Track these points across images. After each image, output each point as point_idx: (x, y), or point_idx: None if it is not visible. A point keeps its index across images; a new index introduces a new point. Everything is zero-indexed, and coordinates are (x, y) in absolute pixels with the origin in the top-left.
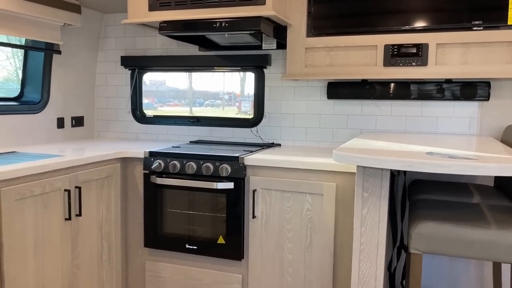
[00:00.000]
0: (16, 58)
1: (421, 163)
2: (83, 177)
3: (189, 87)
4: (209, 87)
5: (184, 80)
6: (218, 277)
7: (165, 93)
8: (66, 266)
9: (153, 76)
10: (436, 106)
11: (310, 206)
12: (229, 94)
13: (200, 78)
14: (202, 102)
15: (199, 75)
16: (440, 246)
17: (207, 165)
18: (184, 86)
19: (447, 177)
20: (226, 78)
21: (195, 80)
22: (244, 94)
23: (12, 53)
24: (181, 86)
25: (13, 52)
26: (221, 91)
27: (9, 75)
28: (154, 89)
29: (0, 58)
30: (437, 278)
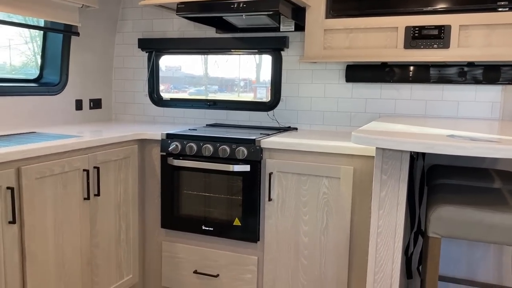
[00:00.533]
0: (35, 43)
1: (443, 145)
2: (102, 157)
3: (205, 73)
4: (224, 73)
5: (200, 66)
6: (233, 258)
7: (181, 79)
8: (85, 244)
9: (169, 62)
10: (457, 90)
11: (327, 189)
12: (244, 80)
13: (215, 64)
14: (217, 89)
15: (214, 61)
16: (459, 230)
17: (224, 147)
18: (200, 72)
19: (467, 162)
20: (242, 64)
21: (211, 66)
22: (260, 81)
23: (30, 38)
24: (196, 72)
25: (31, 37)
26: (237, 77)
27: (27, 60)
28: (170, 75)
29: (18, 43)
30: (455, 265)
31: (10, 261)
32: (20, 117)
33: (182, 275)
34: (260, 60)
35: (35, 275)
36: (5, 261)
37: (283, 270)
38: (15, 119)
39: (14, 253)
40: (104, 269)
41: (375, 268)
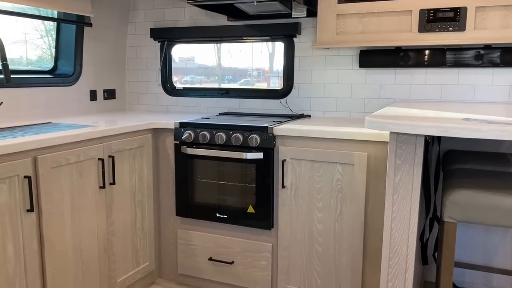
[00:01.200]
0: (50, 37)
1: (458, 128)
2: (116, 146)
3: (218, 64)
4: (237, 63)
5: (213, 57)
6: (248, 245)
7: (194, 70)
8: (101, 232)
9: (182, 53)
10: (474, 74)
11: (341, 176)
12: (257, 70)
13: (228, 54)
14: (230, 79)
15: (227, 50)
16: (475, 215)
17: (237, 135)
18: (213, 63)
19: (484, 147)
20: (255, 53)
21: (224, 56)
22: (273, 70)
23: (45, 32)
24: (209, 63)
25: (46, 31)
26: (250, 67)
27: (43, 53)
28: (183, 66)
29: (34, 37)
30: (471, 251)
31: (29, 248)
32: (36, 108)
33: (197, 262)
34: (273, 49)
35: (54, 262)
36: (24, 248)
37: (297, 257)
38: (30, 110)
39: (32, 240)
40: (121, 256)
41: (389, 254)
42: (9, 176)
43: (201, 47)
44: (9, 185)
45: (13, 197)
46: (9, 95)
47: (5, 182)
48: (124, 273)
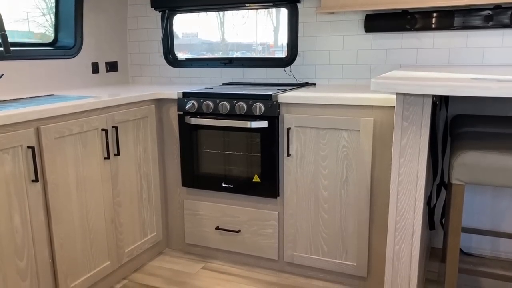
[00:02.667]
0: (52, 14)
1: (466, 87)
2: (119, 117)
3: (222, 39)
4: (241, 38)
5: (216, 32)
6: (254, 214)
7: (197, 46)
8: (108, 203)
9: (185, 28)
10: (483, 36)
11: (346, 142)
12: (262, 45)
13: (232, 28)
14: (234, 54)
15: (231, 25)
16: (483, 176)
17: (240, 104)
18: (217, 38)
19: (492, 111)
20: (259, 27)
21: (228, 31)
22: (278, 45)
23: (47, 9)
24: (213, 38)
25: (48, 9)
26: (254, 42)
27: (46, 31)
28: (187, 42)
29: (35, 15)
30: (479, 217)
31: (36, 219)
32: (38, 80)
33: (204, 232)
34: (278, 22)
35: (61, 232)
36: (31, 219)
37: (303, 224)
38: (32, 82)
39: (39, 211)
40: (128, 227)
41: (396, 217)
42: (12, 147)
43: (204, 21)
44: (12, 156)
45: (17, 167)
46: (10, 68)
47: (8, 152)
48: (132, 243)
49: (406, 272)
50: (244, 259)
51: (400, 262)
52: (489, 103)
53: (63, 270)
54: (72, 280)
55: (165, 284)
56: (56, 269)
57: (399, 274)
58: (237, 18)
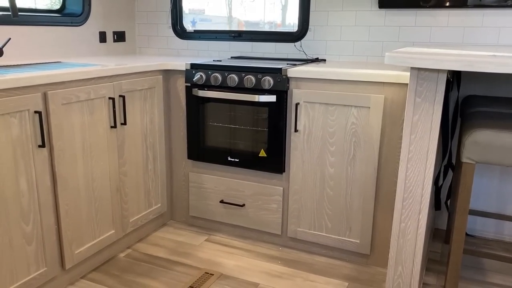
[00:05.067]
0: None
1: (484, 62)
2: (127, 86)
3: (229, 16)
4: (249, 16)
5: (224, 9)
6: (259, 189)
7: (204, 23)
8: (113, 171)
9: (192, 4)
10: (499, 15)
11: (355, 119)
12: (269, 24)
13: (240, 5)
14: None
15: (239, 1)
16: (495, 156)
17: (249, 77)
18: (224, 15)
19: (505, 92)
20: (267, 6)
21: (235, 8)
22: (285, 24)
23: None
24: (220, 16)
25: None
26: (261, 20)
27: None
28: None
29: None
30: (485, 200)
31: (42, 184)
32: (45, 47)
33: (209, 205)
34: (286, 1)
35: (67, 198)
36: (37, 184)
37: (308, 200)
38: (40, 49)
39: (45, 176)
40: (133, 197)
41: (404, 194)
42: (19, 111)
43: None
44: (19, 120)
45: (24, 131)
46: (17, 33)
47: (15, 116)
48: (137, 213)
49: (411, 249)
50: (248, 233)
51: (406, 239)
52: (501, 84)
53: (68, 236)
54: (77, 246)
55: (168, 255)
56: (62, 235)
57: (404, 251)
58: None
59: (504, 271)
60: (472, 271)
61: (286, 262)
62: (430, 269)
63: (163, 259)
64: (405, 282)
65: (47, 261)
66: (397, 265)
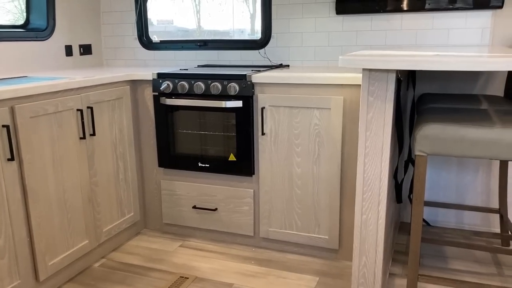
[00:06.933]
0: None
1: (427, 61)
2: (94, 97)
3: (198, 26)
4: (218, 25)
5: (192, 19)
6: (230, 192)
7: (173, 33)
8: (84, 182)
9: (160, 15)
10: (448, 18)
11: (318, 120)
12: (239, 31)
13: (208, 16)
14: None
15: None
16: (444, 147)
17: (215, 84)
18: (193, 25)
19: (457, 90)
20: (236, 14)
21: (204, 17)
22: (255, 32)
23: None
24: (189, 26)
25: None
26: (231, 29)
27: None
28: (162, 29)
29: (4, 0)
30: (445, 191)
31: (13, 197)
32: (10, 63)
33: (181, 211)
34: (254, 9)
35: (38, 211)
36: (7, 198)
37: (278, 200)
38: (5, 65)
39: (15, 190)
40: (106, 207)
41: (363, 188)
42: None
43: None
44: None
45: None
46: None
47: None
48: (110, 222)
49: (373, 239)
50: (221, 236)
51: (368, 230)
52: (452, 82)
53: (41, 248)
54: (50, 258)
55: (143, 262)
56: (34, 247)
57: (367, 242)
58: (213, 5)
59: (464, 257)
60: (434, 259)
61: (259, 261)
62: (396, 260)
63: (138, 267)
64: (370, 271)
65: (20, 273)
66: (361, 256)
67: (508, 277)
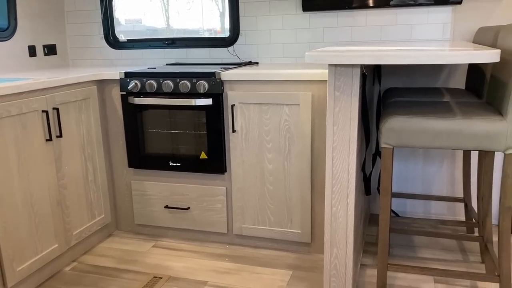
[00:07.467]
0: None
1: (389, 56)
2: (60, 98)
3: (167, 25)
4: (187, 24)
5: (161, 18)
6: (203, 191)
7: (142, 33)
8: (52, 185)
9: (128, 15)
10: (411, 13)
11: (288, 116)
12: (209, 31)
13: (177, 14)
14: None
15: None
16: (409, 139)
17: (184, 82)
18: (162, 25)
19: (421, 83)
20: (205, 13)
21: (173, 16)
22: (225, 30)
23: None
24: (158, 25)
25: None
26: (201, 28)
27: None
28: (131, 29)
29: None
30: (412, 182)
31: None
32: None
33: (153, 211)
34: (223, 7)
35: (4, 216)
36: None
37: (250, 197)
38: None
39: None
40: (75, 209)
41: (332, 181)
42: None
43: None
44: None
45: None
46: None
47: None
48: (80, 225)
49: (343, 231)
50: (195, 235)
51: (338, 222)
52: (416, 76)
53: (8, 254)
54: (18, 263)
55: (115, 264)
56: (1, 254)
57: (337, 234)
58: (182, 3)
59: (432, 245)
60: (404, 249)
61: (233, 258)
62: (368, 251)
63: (111, 269)
64: (341, 262)
65: None
66: (332, 247)
67: (473, 262)
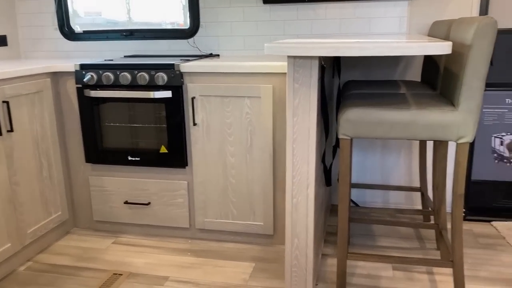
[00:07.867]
0: None
1: (347, 47)
2: (10, 91)
3: (128, 18)
4: (150, 17)
5: (122, 10)
6: (163, 185)
7: (102, 25)
8: (3, 182)
9: (88, 7)
10: (369, 7)
11: (249, 109)
12: (172, 24)
13: (138, 7)
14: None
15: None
16: (366, 130)
17: (142, 74)
18: (123, 17)
19: (379, 76)
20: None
21: (134, 9)
22: (187, 23)
23: None
24: (119, 18)
25: None
26: (163, 21)
27: None
28: (90, 21)
29: None
30: (371, 174)
31: None
32: None
33: (113, 207)
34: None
35: None
36: None
37: (213, 191)
38: None
39: None
40: (29, 207)
41: (293, 172)
42: None
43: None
44: None
45: None
46: None
47: None
48: (34, 223)
49: (304, 222)
50: (156, 231)
51: (298, 213)
52: (374, 69)
53: None
54: None
55: (73, 262)
56: None
57: (298, 224)
58: None
59: (390, 234)
60: (363, 238)
61: (196, 253)
62: (329, 241)
63: (68, 267)
64: (302, 252)
65: None
66: (293, 238)
67: (429, 249)
